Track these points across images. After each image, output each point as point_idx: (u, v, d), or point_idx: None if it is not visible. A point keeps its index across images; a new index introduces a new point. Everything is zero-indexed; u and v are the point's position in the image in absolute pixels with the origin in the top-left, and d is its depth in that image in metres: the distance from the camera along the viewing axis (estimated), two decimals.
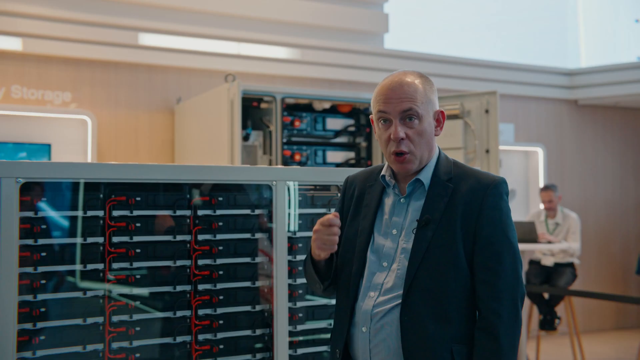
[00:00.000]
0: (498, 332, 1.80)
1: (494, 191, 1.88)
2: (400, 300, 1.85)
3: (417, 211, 1.91)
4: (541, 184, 7.42)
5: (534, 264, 6.65)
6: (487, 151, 4.96)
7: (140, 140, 5.78)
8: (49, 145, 5.37)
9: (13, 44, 5.39)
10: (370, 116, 2.02)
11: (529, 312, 6.44)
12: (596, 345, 7.19)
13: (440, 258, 1.85)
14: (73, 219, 2.38)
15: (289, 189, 2.71)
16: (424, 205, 1.90)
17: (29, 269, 2.30)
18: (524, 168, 7.78)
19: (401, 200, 1.96)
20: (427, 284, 1.84)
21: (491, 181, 1.90)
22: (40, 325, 2.31)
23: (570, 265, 6.51)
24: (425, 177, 1.94)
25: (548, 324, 6.31)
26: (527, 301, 6.33)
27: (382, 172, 2.00)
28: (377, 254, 1.94)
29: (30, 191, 2.29)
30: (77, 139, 5.49)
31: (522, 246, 5.87)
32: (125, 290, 2.46)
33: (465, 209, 1.87)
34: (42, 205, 2.32)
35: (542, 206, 6.77)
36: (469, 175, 1.93)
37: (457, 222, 1.86)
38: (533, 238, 6.03)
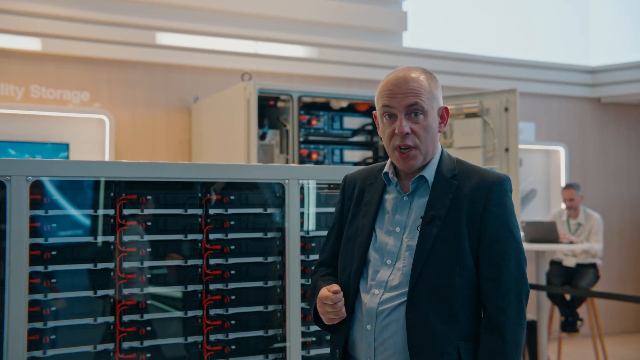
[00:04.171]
0: (503, 328, 1.79)
1: (498, 188, 1.87)
2: (405, 298, 1.83)
3: (421, 208, 1.90)
4: (562, 184, 7.31)
5: (556, 264, 6.55)
6: (507, 150, 4.88)
7: (158, 140, 5.79)
8: (67, 145, 5.40)
9: (32, 44, 5.42)
10: (373, 112, 2.00)
11: (550, 314, 6.34)
12: (619, 348, 7.06)
13: (446, 255, 1.83)
14: (83, 218, 2.37)
15: (302, 188, 2.68)
16: (428, 202, 1.89)
17: (40, 268, 2.29)
18: (545, 167, 7.67)
19: (404, 198, 1.94)
20: (433, 281, 1.82)
21: (496, 178, 1.89)
22: (50, 324, 2.30)
23: (593, 266, 6.39)
24: (429, 173, 1.92)
25: (570, 325, 6.20)
26: (548, 302, 6.23)
27: (385, 170, 1.98)
28: (380, 252, 1.92)
29: (41, 189, 2.28)
30: (95, 139, 5.51)
31: (542, 246, 5.78)
32: (136, 289, 2.44)
33: (470, 205, 1.85)
34: (53, 203, 2.31)
35: (563, 206, 6.67)
36: (473, 172, 1.92)
37: (462, 219, 1.84)
38: (554, 238, 5.93)
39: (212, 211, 2.57)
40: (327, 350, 2.72)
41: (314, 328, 2.71)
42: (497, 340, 1.79)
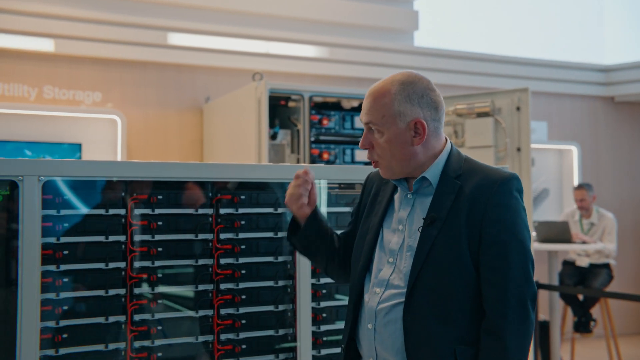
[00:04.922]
0: (503, 333, 1.74)
1: (501, 188, 1.79)
2: (403, 299, 1.81)
3: (424, 208, 1.87)
4: (575, 183, 7.26)
5: (569, 264, 6.51)
6: (519, 149, 4.86)
7: (170, 140, 5.81)
8: (79, 145, 5.43)
9: (45, 45, 5.46)
10: None
11: (563, 314, 6.30)
12: (633, 349, 7.00)
13: (445, 257, 1.78)
14: (95, 217, 2.38)
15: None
16: (431, 203, 1.85)
17: (52, 267, 2.30)
18: (557, 167, 7.62)
19: (408, 196, 1.92)
20: (431, 283, 1.78)
21: (499, 177, 1.81)
22: (62, 323, 2.31)
23: (606, 266, 6.35)
24: (433, 174, 1.88)
25: (583, 326, 6.17)
26: (561, 303, 6.20)
27: None
28: (383, 250, 1.92)
29: (52, 189, 2.30)
30: (107, 139, 5.55)
31: (555, 246, 5.75)
32: (147, 289, 2.45)
33: (471, 206, 1.79)
34: (64, 203, 2.33)
35: (576, 205, 6.64)
36: (478, 172, 1.85)
37: (462, 220, 1.79)
38: (566, 238, 5.90)
39: (222, 211, 2.57)
40: (338, 350, 2.72)
41: (324, 328, 2.72)
42: (497, 345, 1.74)
